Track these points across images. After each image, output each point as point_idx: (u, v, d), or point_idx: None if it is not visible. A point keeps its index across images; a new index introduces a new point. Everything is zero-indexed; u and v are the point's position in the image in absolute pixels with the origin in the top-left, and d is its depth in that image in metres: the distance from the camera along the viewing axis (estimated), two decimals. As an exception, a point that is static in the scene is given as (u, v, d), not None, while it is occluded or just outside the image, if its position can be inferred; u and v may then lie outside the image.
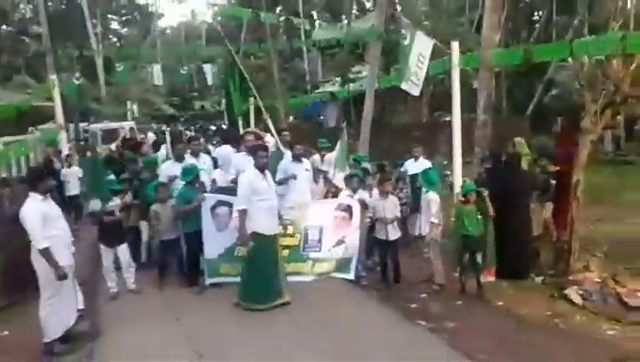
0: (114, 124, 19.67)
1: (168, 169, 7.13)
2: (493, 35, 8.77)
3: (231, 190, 6.46)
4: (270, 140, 7.48)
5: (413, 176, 7.85)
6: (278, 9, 30.67)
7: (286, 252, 6.49)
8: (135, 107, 24.24)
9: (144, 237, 7.24)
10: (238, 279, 6.28)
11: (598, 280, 5.79)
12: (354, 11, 31.64)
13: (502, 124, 15.10)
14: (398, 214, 6.53)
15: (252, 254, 5.63)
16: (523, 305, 5.62)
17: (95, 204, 6.43)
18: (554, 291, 5.88)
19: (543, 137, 13.53)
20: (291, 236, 6.62)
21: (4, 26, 34.17)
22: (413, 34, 7.22)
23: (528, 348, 4.67)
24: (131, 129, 18.27)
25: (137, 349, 4.84)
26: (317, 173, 7.84)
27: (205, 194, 6.56)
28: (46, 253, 4.62)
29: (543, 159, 8.04)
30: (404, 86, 7.00)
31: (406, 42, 6.98)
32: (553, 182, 7.24)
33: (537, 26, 22.73)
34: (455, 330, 5.07)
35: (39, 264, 4.74)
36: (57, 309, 4.85)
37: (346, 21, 24.70)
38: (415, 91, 7.11)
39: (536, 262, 6.64)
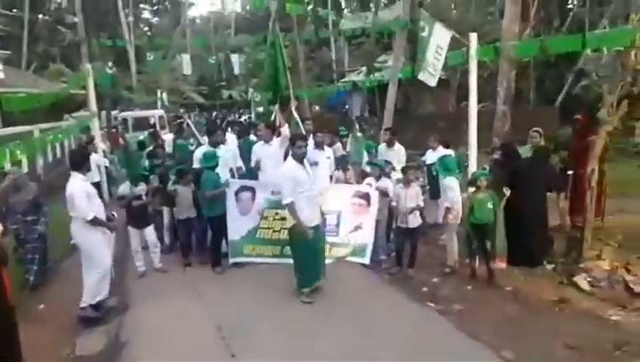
0: (144, 112, 20.29)
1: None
2: (513, 26, 8.79)
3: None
4: (285, 130, 7.77)
5: (430, 165, 8.05)
6: (306, -1, 30.83)
7: (305, 236, 6.81)
8: (165, 95, 24.84)
9: (165, 219, 7.68)
10: (259, 259, 6.79)
11: (608, 268, 5.89)
12: (382, 1, 31.50)
13: (528, 115, 15.00)
14: (421, 203, 6.56)
15: (298, 243, 5.65)
16: (531, 290, 5.78)
17: (124, 188, 6.87)
18: (563, 278, 6.01)
19: (570, 128, 13.38)
20: (310, 220, 6.91)
21: (40, 15, 35.30)
22: (432, 25, 7.34)
23: (533, 330, 4.86)
24: (161, 117, 18.81)
25: (162, 323, 5.23)
26: (342, 161, 8.11)
27: (230, 180, 6.93)
28: (96, 220, 5.23)
29: (562, 150, 8.12)
30: (421, 76, 7.15)
31: (424, 34, 7.11)
32: (570, 172, 7.33)
33: (571, 14, 22.26)
34: (462, 313, 5.28)
35: (77, 236, 5.25)
36: (95, 279, 5.37)
37: (373, 11, 24.66)
38: (432, 82, 7.25)
39: (549, 251, 6.75)
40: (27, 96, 7.07)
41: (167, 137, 11.89)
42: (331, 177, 7.82)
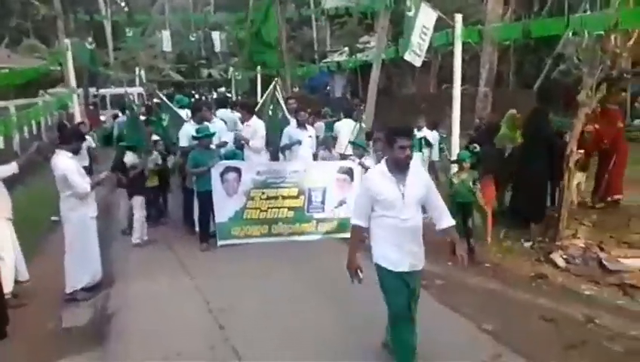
0: (122, 90, 19.92)
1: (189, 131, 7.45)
2: (497, 8, 8.89)
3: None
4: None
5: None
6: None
7: (291, 213, 6.95)
8: (143, 73, 24.36)
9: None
10: (247, 241, 6.85)
11: (583, 246, 6.12)
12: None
13: (507, 98, 15.24)
14: None
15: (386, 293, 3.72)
16: (510, 267, 6.00)
17: (132, 158, 7.07)
18: (541, 256, 6.23)
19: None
20: (296, 198, 7.01)
21: (12, -12, 34.05)
22: (418, 5, 7.37)
23: (510, 303, 5.07)
24: (140, 95, 18.52)
25: (149, 296, 5.31)
26: (329, 140, 8.20)
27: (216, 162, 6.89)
28: (93, 187, 5.33)
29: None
30: (406, 57, 7.20)
31: (410, 14, 7.15)
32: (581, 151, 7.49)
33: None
34: (443, 287, 5.46)
35: (69, 216, 5.21)
36: (82, 261, 5.31)
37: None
38: (417, 62, 7.32)
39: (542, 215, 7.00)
40: (9, 72, 6.89)
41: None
42: (315, 156, 7.91)
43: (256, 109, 8.13)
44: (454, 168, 6.76)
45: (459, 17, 7.16)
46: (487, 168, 6.77)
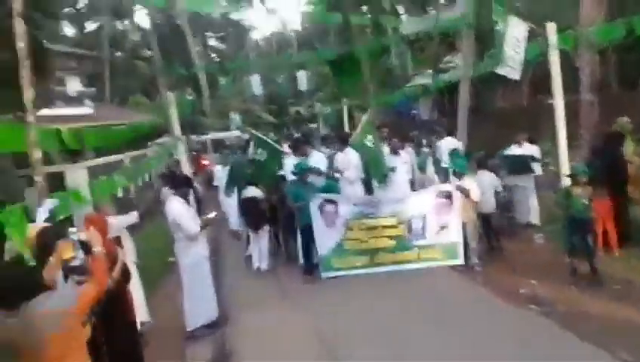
0: (221, 134, 21.20)
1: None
2: (592, 10, 8.35)
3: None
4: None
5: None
6: (364, 8, 30.90)
7: (392, 242, 6.86)
8: (237, 117, 25.75)
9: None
10: (350, 272, 6.83)
11: None
12: (441, 1, 30.92)
13: (611, 103, 14.07)
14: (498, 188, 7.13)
15: None
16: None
17: (254, 192, 7.65)
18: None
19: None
20: (396, 226, 6.92)
21: (118, 53, 38.05)
22: (506, 18, 7.15)
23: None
24: (237, 137, 19.58)
25: (263, 331, 5.47)
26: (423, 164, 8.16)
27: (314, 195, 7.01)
28: (202, 228, 5.58)
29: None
30: (500, 71, 6.96)
31: (499, 28, 6.94)
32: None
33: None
34: (568, 314, 5.02)
35: (184, 256, 5.54)
36: (199, 299, 5.58)
37: (433, 12, 24.27)
38: (514, 75, 7.06)
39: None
40: (124, 127, 7.64)
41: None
42: (412, 182, 7.81)
43: (350, 140, 8.19)
44: (566, 182, 6.32)
45: (551, 26, 6.81)
46: (608, 181, 6.24)
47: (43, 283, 2.60)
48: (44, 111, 12.78)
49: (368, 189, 7.96)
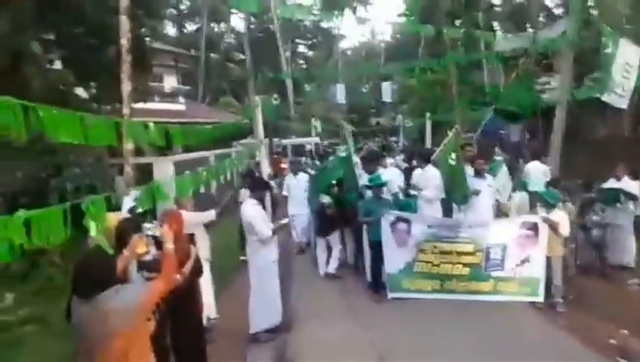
0: (302, 140, 21.51)
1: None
2: None
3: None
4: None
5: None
6: (457, 22, 30.17)
7: (467, 270, 6.49)
8: (318, 124, 26.06)
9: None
10: (418, 295, 6.53)
11: None
12: (540, 19, 29.41)
13: None
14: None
15: None
16: None
17: (325, 199, 7.73)
18: None
19: None
20: (472, 254, 6.55)
21: (212, 54, 40.01)
22: (617, 41, 6.57)
23: None
24: (316, 144, 19.77)
25: (325, 344, 5.37)
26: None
27: (387, 211, 6.81)
28: (274, 233, 5.61)
29: None
30: (605, 98, 6.40)
31: (608, 50, 6.38)
32: None
33: None
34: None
35: (254, 258, 5.59)
36: (264, 303, 5.59)
37: (531, 30, 23.16)
38: (621, 104, 6.46)
39: None
40: (213, 127, 7.92)
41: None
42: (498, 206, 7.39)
43: (432, 158, 7.87)
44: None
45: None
46: None
47: (116, 275, 2.67)
48: (140, 105, 13.64)
49: (447, 211, 7.60)
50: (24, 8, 9.05)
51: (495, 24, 35.96)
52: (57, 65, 12.27)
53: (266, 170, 10.98)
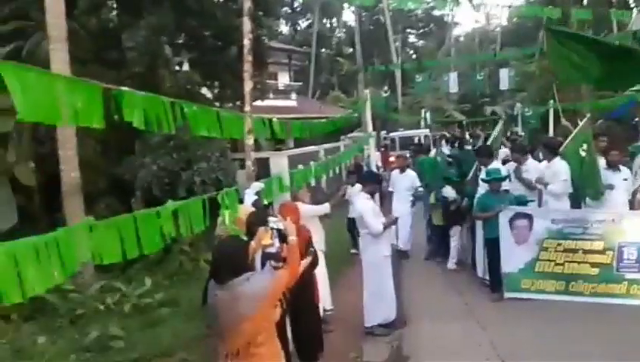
0: (410, 132, 21.20)
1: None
2: None
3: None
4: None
5: None
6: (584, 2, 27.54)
7: (595, 270, 6.00)
8: (428, 115, 25.44)
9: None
10: (539, 296, 6.19)
11: None
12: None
13: None
14: None
15: None
16: None
17: (449, 192, 7.89)
18: None
19: None
20: (601, 253, 6.03)
21: (323, 50, 40.85)
22: None
23: None
24: (426, 136, 19.37)
25: (442, 342, 5.34)
26: None
27: (506, 206, 6.48)
28: (386, 228, 5.63)
29: None
30: None
31: None
32: None
33: None
34: None
35: (366, 253, 5.70)
36: (378, 298, 5.66)
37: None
38: None
39: None
40: (324, 121, 8.19)
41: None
42: (631, 202, 6.71)
43: (560, 149, 7.25)
44: None
45: None
46: None
47: (247, 263, 2.91)
48: (256, 103, 14.40)
49: (575, 206, 7.03)
50: (164, 16, 10.00)
51: (631, 1, 32.28)
52: (185, 66, 13.38)
53: (374, 163, 11.07)
